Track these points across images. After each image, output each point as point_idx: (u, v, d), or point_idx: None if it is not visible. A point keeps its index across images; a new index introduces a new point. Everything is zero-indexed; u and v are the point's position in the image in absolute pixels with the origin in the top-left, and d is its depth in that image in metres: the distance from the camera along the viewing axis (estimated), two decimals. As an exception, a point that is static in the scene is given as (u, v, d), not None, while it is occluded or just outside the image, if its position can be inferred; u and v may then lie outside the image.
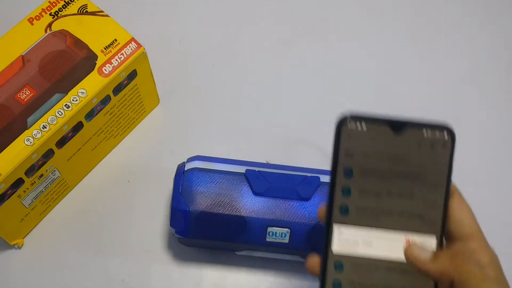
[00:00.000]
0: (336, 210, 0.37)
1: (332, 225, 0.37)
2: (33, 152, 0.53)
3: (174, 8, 0.76)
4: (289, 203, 0.55)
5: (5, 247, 0.61)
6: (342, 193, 0.37)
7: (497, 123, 0.71)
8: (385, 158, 0.36)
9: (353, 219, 0.37)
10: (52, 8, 0.59)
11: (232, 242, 0.56)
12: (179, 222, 0.55)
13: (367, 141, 0.36)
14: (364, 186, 0.37)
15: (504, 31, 0.77)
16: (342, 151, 0.36)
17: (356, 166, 0.36)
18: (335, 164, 0.37)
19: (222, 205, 0.54)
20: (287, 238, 0.55)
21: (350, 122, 0.36)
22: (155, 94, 0.68)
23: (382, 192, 0.37)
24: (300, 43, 0.74)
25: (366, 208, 0.37)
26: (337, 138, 0.37)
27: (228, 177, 0.55)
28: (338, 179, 0.37)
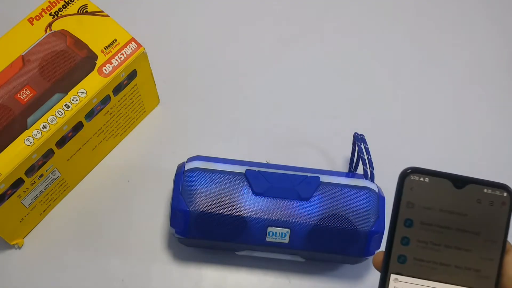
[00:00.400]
0: (394, 259, 0.38)
1: (389, 274, 0.38)
2: (33, 152, 0.53)
3: (174, 8, 0.76)
4: (289, 203, 0.55)
5: (5, 247, 0.61)
6: (401, 242, 0.38)
7: (497, 123, 0.71)
8: (445, 211, 0.38)
9: (410, 270, 0.38)
10: (52, 8, 0.59)
11: (232, 242, 0.56)
12: (179, 222, 0.55)
13: (429, 194, 0.38)
14: (423, 238, 0.38)
15: (505, 30, 0.77)
16: (403, 202, 0.38)
17: (416, 217, 0.38)
18: (396, 213, 0.38)
19: (222, 205, 0.54)
20: (287, 238, 0.55)
21: (414, 175, 0.37)
22: (155, 94, 0.68)
23: (440, 245, 0.38)
24: (300, 43, 0.74)
25: (423, 259, 0.38)
26: (400, 189, 0.38)
27: (228, 177, 0.55)
28: (398, 229, 0.38)
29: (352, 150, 0.63)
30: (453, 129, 0.70)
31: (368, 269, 0.62)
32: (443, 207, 0.38)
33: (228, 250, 0.60)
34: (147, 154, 0.66)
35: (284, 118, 0.70)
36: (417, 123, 0.70)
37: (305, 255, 0.58)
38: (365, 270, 0.62)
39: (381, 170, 0.61)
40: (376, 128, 0.69)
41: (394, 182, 0.38)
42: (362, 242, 0.55)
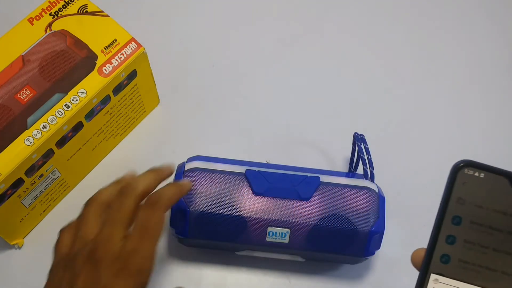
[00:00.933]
0: (436, 258, 0.35)
1: (429, 273, 0.35)
2: (33, 152, 0.53)
3: (174, 8, 0.76)
4: (289, 203, 0.55)
5: (5, 247, 0.61)
6: (446, 240, 0.35)
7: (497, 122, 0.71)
8: (498, 212, 0.35)
9: (453, 271, 0.35)
10: (52, 8, 0.59)
11: (232, 242, 0.56)
12: (179, 222, 0.55)
13: (482, 192, 0.35)
14: (470, 238, 0.35)
15: (505, 30, 0.77)
16: (454, 197, 0.35)
17: (466, 215, 0.35)
18: (444, 209, 0.35)
19: (222, 205, 0.54)
20: (287, 238, 0.55)
21: (468, 169, 0.35)
22: (155, 94, 0.68)
23: (489, 248, 0.35)
24: (300, 43, 0.74)
25: (468, 261, 0.35)
26: (451, 183, 0.35)
27: (228, 177, 0.55)
28: (445, 226, 0.35)
29: (352, 150, 0.63)
30: (453, 129, 0.70)
31: (368, 269, 0.62)
32: (496, 207, 0.35)
33: (228, 250, 0.60)
34: (147, 154, 0.66)
35: (284, 118, 0.70)
36: (417, 123, 0.70)
37: (305, 255, 0.58)
38: (365, 270, 0.62)
39: (381, 170, 0.61)
40: (376, 127, 0.69)
41: (394, 182, 0.37)
42: (362, 242, 0.55)
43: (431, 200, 0.35)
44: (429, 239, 0.35)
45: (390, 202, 0.59)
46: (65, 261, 0.46)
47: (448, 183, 0.35)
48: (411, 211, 0.65)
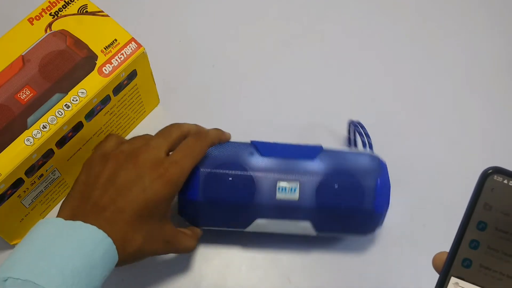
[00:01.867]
0: (458, 262, 0.35)
1: (450, 276, 0.35)
2: (33, 152, 0.53)
3: (174, 8, 0.76)
4: (296, 161, 0.56)
5: (5, 247, 0.61)
6: (469, 245, 0.35)
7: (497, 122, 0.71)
8: None
9: (473, 276, 0.35)
10: (52, 8, 0.59)
11: (243, 204, 0.56)
12: (190, 184, 0.55)
13: (509, 199, 0.35)
14: (494, 245, 0.35)
15: (505, 30, 0.77)
16: (481, 203, 0.35)
17: (491, 221, 0.35)
18: (470, 213, 0.35)
19: (231, 165, 0.55)
20: (297, 194, 0.55)
21: (497, 176, 0.35)
22: (155, 94, 0.68)
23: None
24: (301, 42, 0.74)
25: (490, 267, 0.35)
26: (479, 188, 0.35)
27: (235, 144, 0.57)
28: (469, 230, 0.35)
29: (348, 138, 0.63)
30: (453, 129, 0.70)
31: (370, 265, 0.62)
32: None
33: (237, 224, 0.58)
34: (147, 154, 0.66)
35: (285, 118, 0.70)
36: (417, 123, 0.70)
37: (316, 220, 0.57)
38: (366, 267, 0.62)
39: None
40: (376, 127, 0.69)
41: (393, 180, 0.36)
42: (370, 195, 0.55)
43: (434, 188, 0.35)
44: (452, 241, 0.35)
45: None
46: (106, 156, 0.51)
47: (476, 187, 0.35)
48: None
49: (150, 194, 0.49)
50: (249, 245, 0.63)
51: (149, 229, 0.50)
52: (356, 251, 0.63)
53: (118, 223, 0.48)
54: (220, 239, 0.62)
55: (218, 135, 0.56)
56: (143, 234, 0.50)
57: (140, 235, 0.49)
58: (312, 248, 0.63)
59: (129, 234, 0.48)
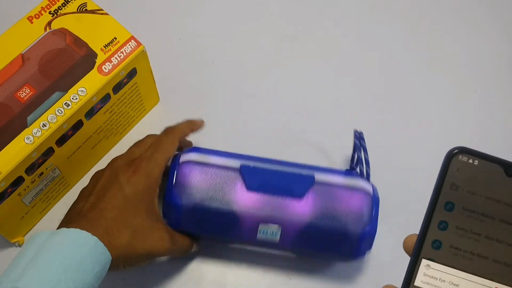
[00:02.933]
0: (428, 243, 0.35)
1: (420, 258, 0.35)
2: (33, 151, 0.53)
3: (174, 6, 0.76)
4: (281, 200, 0.55)
5: (6, 245, 0.61)
6: (438, 226, 0.35)
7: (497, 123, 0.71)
8: (491, 199, 0.35)
9: (444, 257, 0.35)
10: (52, 7, 0.59)
11: (224, 237, 0.57)
12: (172, 214, 0.55)
13: (476, 179, 0.35)
14: (462, 224, 0.35)
15: (505, 28, 0.77)
16: (447, 183, 0.35)
17: (458, 201, 0.35)
18: (437, 194, 0.35)
19: (215, 199, 0.54)
20: (278, 237, 0.55)
21: (462, 156, 0.35)
22: (155, 92, 0.68)
23: (481, 235, 0.35)
24: (300, 41, 0.74)
25: (460, 247, 0.35)
26: (445, 169, 0.35)
27: (222, 171, 0.55)
28: (437, 211, 0.35)
29: (354, 145, 0.62)
30: (453, 129, 0.70)
31: (368, 266, 0.62)
32: (489, 195, 0.35)
33: (220, 241, 0.60)
34: (147, 152, 0.66)
35: (284, 116, 0.70)
36: (417, 122, 0.70)
37: (296, 252, 0.58)
38: (365, 268, 0.62)
39: (378, 169, 0.61)
40: (376, 126, 0.69)
41: (390, 182, 0.36)
42: (353, 243, 0.55)
43: (426, 203, 0.35)
44: (421, 224, 0.35)
45: (384, 203, 0.59)
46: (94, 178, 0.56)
47: (442, 168, 0.35)
48: (405, 212, 0.64)
49: (128, 189, 0.51)
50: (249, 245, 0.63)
51: (137, 224, 0.51)
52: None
53: (100, 221, 0.49)
54: (220, 237, 0.63)
55: (188, 126, 0.59)
56: (131, 229, 0.50)
57: (127, 229, 0.50)
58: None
59: (114, 229, 0.49)
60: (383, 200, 0.58)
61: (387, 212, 0.60)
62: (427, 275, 0.35)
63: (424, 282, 0.35)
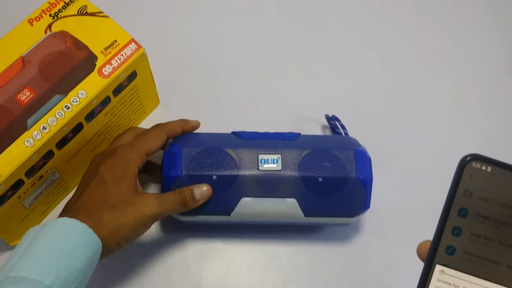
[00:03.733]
0: (442, 249, 0.36)
1: (434, 264, 0.36)
2: (33, 153, 0.53)
3: (174, 9, 0.76)
4: (276, 141, 0.58)
5: (6, 248, 0.61)
6: (452, 232, 0.35)
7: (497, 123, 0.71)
8: (504, 205, 0.35)
9: (458, 263, 0.35)
10: (52, 9, 0.59)
11: (226, 180, 0.56)
12: (173, 163, 0.56)
13: (489, 185, 0.35)
14: (476, 231, 0.35)
15: (506, 30, 0.77)
16: (461, 190, 0.35)
17: (472, 208, 0.35)
18: (451, 201, 0.35)
19: (214, 147, 0.57)
20: (280, 164, 0.56)
21: (476, 162, 0.35)
22: (155, 95, 0.68)
23: (494, 241, 0.35)
24: (300, 42, 0.74)
25: (473, 253, 0.35)
26: (458, 175, 0.35)
27: (217, 135, 0.60)
28: (451, 217, 0.35)
29: (331, 126, 0.67)
30: (453, 128, 0.70)
31: (370, 267, 0.62)
32: (503, 201, 0.35)
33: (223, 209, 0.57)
34: (147, 155, 0.66)
35: (285, 117, 0.70)
36: (416, 122, 0.70)
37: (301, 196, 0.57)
38: (367, 267, 0.62)
39: (378, 173, 0.61)
40: (376, 126, 0.69)
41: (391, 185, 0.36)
42: (351, 165, 0.57)
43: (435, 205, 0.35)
44: (435, 230, 0.35)
45: (385, 199, 0.59)
46: None
47: (455, 175, 0.35)
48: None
49: (106, 176, 0.53)
50: (249, 245, 0.63)
51: (116, 200, 0.52)
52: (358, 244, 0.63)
53: (83, 210, 0.51)
54: (220, 239, 0.63)
55: (179, 124, 0.59)
56: (110, 206, 0.51)
57: (106, 207, 0.51)
58: (313, 246, 0.63)
59: (95, 211, 0.51)
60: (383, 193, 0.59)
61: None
62: (441, 280, 0.35)
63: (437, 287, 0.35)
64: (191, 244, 0.63)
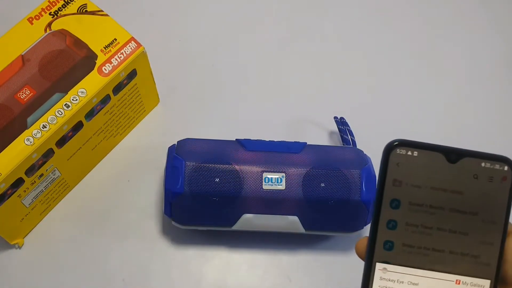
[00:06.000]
0: (379, 246, 0.33)
1: (374, 263, 0.33)
2: (33, 152, 0.53)
3: (174, 8, 0.76)
4: (281, 154, 0.57)
5: (6, 247, 0.61)
6: (386, 226, 0.33)
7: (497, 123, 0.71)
8: (437, 190, 0.33)
9: (398, 257, 0.33)
10: (52, 8, 0.59)
11: (229, 196, 0.55)
12: (175, 178, 0.55)
13: (418, 171, 0.33)
14: (412, 220, 0.33)
15: (504, 30, 0.77)
16: (389, 180, 0.33)
17: (404, 197, 0.33)
18: (381, 193, 0.33)
19: (217, 160, 0.55)
20: (283, 184, 0.55)
21: (400, 149, 0.33)
22: (155, 94, 0.68)
23: (432, 228, 0.33)
24: (299, 42, 0.74)
25: (413, 245, 0.33)
26: (385, 165, 0.33)
27: (220, 141, 0.58)
28: (383, 211, 0.33)
29: (339, 130, 0.66)
30: (452, 128, 0.70)
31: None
32: (435, 185, 0.33)
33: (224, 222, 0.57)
34: (147, 154, 0.66)
35: (285, 118, 0.70)
36: (417, 122, 0.70)
37: (303, 214, 0.56)
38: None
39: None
40: (377, 126, 0.69)
41: None
42: (356, 185, 0.56)
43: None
44: (370, 226, 0.34)
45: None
46: None
47: (381, 165, 0.33)
48: None
49: None
50: (249, 245, 0.63)
51: None
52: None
53: None
54: (220, 239, 0.63)
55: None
56: None
57: None
58: (312, 246, 0.63)
59: None
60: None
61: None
62: (383, 278, 0.33)
63: (382, 287, 0.33)
64: (191, 244, 0.63)
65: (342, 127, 0.65)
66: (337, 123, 0.66)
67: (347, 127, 0.65)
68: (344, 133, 0.65)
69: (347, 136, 0.64)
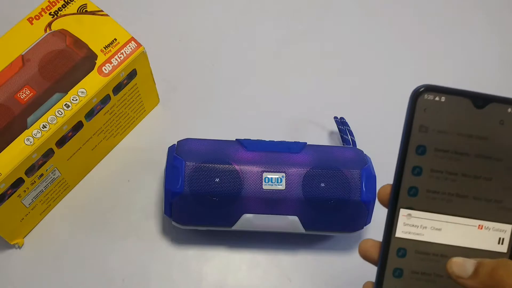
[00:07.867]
0: (404, 192, 0.33)
1: (398, 209, 0.33)
2: (33, 152, 0.53)
3: (174, 8, 0.76)
4: (281, 154, 0.57)
5: (5, 247, 0.61)
6: (412, 172, 0.33)
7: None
8: (463, 135, 0.33)
9: (422, 203, 0.33)
10: (52, 8, 0.59)
11: (229, 196, 0.55)
12: (175, 178, 0.55)
13: (445, 116, 0.33)
14: (437, 166, 0.33)
15: (503, 30, 0.77)
16: (416, 126, 0.33)
17: (430, 143, 0.33)
18: (407, 139, 0.33)
19: (217, 160, 0.55)
20: (283, 184, 0.55)
21: (428, 94, 0.33)
22: (155, 94, 0.68)
23: (457, 174, 0.33)
24: (300, 42, 0.74)
25: (437, 191, 0.33)
26: (411, 111, 0.33)
27: (220, 141, 0.58)
28: (409, 157, 0.33)
29: (339, 130, 0.66)
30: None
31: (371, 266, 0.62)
32: (461, 131, 0.33)
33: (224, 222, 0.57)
34: (147, 154, 0.66)
35: (285, 118, 0.70)
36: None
37: (303, 213, 0.56)
38: (368, 265, 0.62)
39: (380, 177, 0.61)
40: (377, 127, 0.69)
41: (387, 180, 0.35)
42: (356, 185, 0.56)
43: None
44: (394, 172, 0.33)
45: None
46: None
47: (408, 111, 0.33)
48: None
49: None
50: (249, 245, 0.63)
51: None
52: (356, 250, 0.63)
53: None
54: (220, 239, 0.63)
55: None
56: None
57: None
58: (312, 246, 0.63)
59: None
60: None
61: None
62: (407, 224, 0.33)
63: (405, 232, 0.33)
64: (191, 244, 0.63)
65: (342, 127, 0.65)
66: (337, 123, 0.66)
67: (347, 127, 0.65)
68: (344, 133, 0.65)
69: (347, 136, 0.65)
